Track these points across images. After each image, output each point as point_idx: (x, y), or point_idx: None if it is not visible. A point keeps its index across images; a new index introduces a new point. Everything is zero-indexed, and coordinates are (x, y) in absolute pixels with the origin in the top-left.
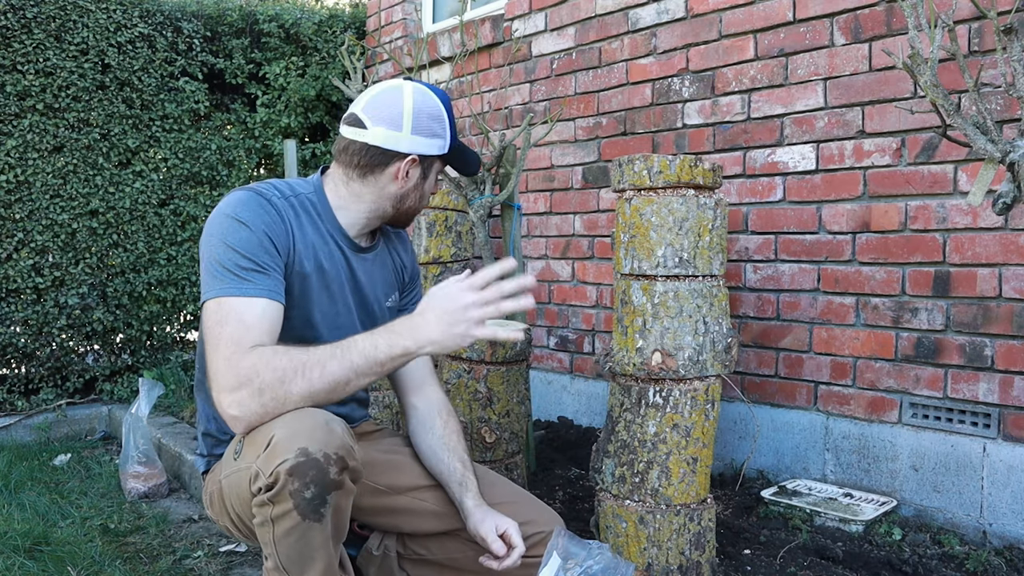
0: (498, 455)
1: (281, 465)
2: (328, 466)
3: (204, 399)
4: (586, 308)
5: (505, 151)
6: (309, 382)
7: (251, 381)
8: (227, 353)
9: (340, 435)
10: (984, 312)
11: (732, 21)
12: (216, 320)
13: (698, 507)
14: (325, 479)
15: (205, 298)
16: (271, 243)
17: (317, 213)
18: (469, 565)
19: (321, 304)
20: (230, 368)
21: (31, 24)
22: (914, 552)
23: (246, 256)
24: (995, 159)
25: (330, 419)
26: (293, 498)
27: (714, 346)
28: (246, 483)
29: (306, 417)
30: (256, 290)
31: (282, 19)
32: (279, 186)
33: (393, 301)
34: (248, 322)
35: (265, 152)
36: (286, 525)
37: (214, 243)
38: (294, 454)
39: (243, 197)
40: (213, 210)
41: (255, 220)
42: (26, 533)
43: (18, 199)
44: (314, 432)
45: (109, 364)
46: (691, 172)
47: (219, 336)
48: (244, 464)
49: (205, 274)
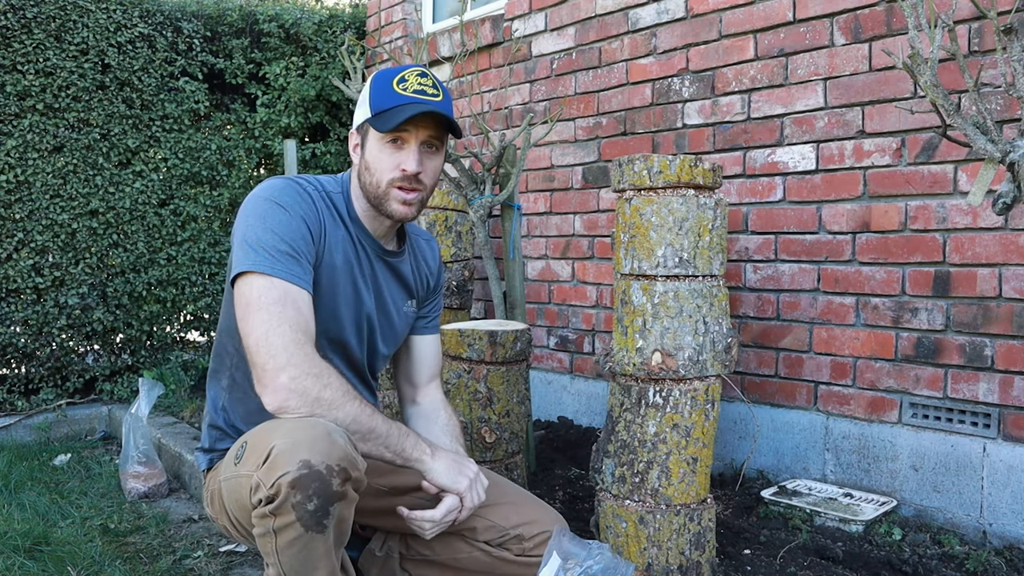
0: (498, 455)
1: (283, 477)
2: (331, 478)
3: (217, 388)
4: (586, 308)
5: (505, 151)
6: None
7: (320, 376)
8: (292, 336)
9: (342, 446)
10: (984, 312)
11: (732, 21)
12: (273, 298)
13: (698, 507)
14: (328, 491)
15: (245, 268)
16: (307, 229)
17: (344, 211)
18: (472, 565)
19: (347, 298)
20: (300, 352)
21: (31, 24)
22: (914, 552)
23: (287, 240)
24: (995, 159)
25: (332, 430)
26: (296, 510)
27: (714, 346)
28: (246, 492)
29: (308, 427)
30: (302, 280)
31: (282, 19)
32: (312, 180)
33: (410, 307)
34: (305, 313)
35: (265, 152)
36: (289, 536)
37: (253, 223)
38: (296, 466)
39: (281, 184)
40: (251, 194)
41: (294, 205)
42: (26, 533)
43: (18, 199)
44: (316, 443)
45: (109, 364)
46: (691, 172)
47: (280, 315)
48: (244, 471)
49: (244, 250)
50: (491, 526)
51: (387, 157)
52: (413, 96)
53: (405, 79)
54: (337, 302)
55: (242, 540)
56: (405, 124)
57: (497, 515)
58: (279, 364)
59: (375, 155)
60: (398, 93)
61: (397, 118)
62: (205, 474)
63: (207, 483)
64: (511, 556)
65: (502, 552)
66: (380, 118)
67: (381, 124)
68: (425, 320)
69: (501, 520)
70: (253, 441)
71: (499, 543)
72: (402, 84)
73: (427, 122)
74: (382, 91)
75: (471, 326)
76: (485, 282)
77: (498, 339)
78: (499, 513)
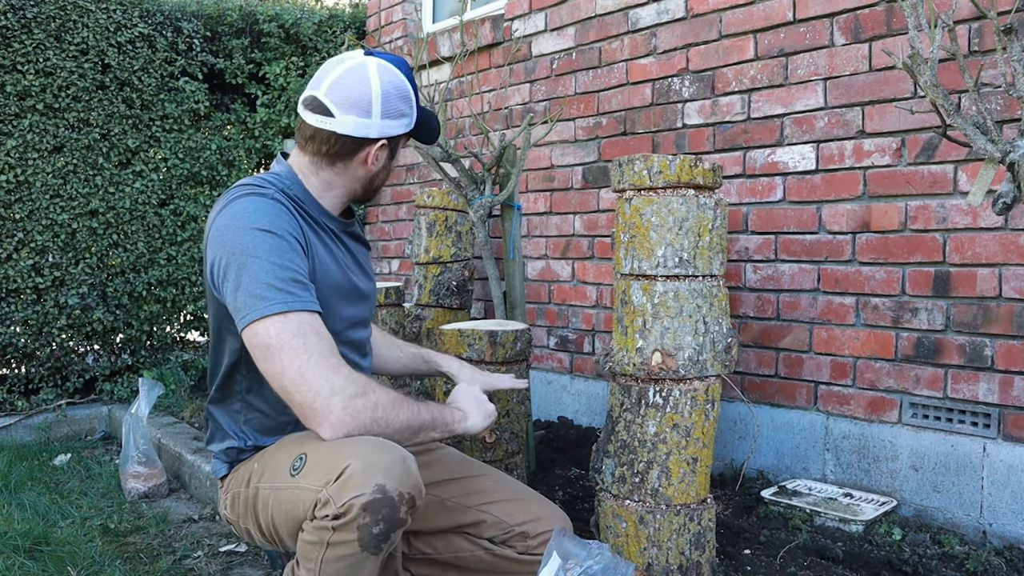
0: (498, 455)
1: (357, 498)
2: (400, 505)
3: (230, 413)
4: (586, 308)
5: (505, 151)
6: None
7: (367, 394)
8: (325, 363)
9: (415, 475)
10: (984, 312)
11: (732, 21)
12: (292, 332)
13: (698, 507)
14: (395, 517)
15: (260, 315)
16: (299, 245)
17: (306, 203)
18: (474, 564)
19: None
20: (338, 376)
21: (31, 24)
22: (914, 552)
23: (288, 268)
24: (995, 159)
25: (406, 456)
26: (360, 531)
27: (714, 346)
28: (306, 505)
29: (384, 451)
30: (311, 304)
31: (282, 19)
32: (273, 182)
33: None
34: (324, 334)
35: (265, 152)
36: (342, 552)
37: (249, 261)
38: (371, 489)
39: (255, 205)
40: (223, 221)
41: (279, 225)
42: (26, 533)
43: (18, 199)
44: (392, 469)
45: (109, 364)
46: (691, 172)
47: (304, 347)
48: (306, 484)
49: (250, 294)
50: (497, 522)
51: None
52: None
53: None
54: (333, 298)
55: (264, 543)
56: None
57: (503, 511)
58: (325, 398)
59: (391, 162)
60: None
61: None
62: (221, 480)
63: (226, 486)
64: (514, 554)
65: (505, 550)
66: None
67: (427, 135)
68: None
69: (506, 517)
70: (317, 455)
71: (503, 540)
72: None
73: None
74: (418, 105)
75: (471, 326)
76: (485, 282)
77: (498, 339)
78: (505, 509)
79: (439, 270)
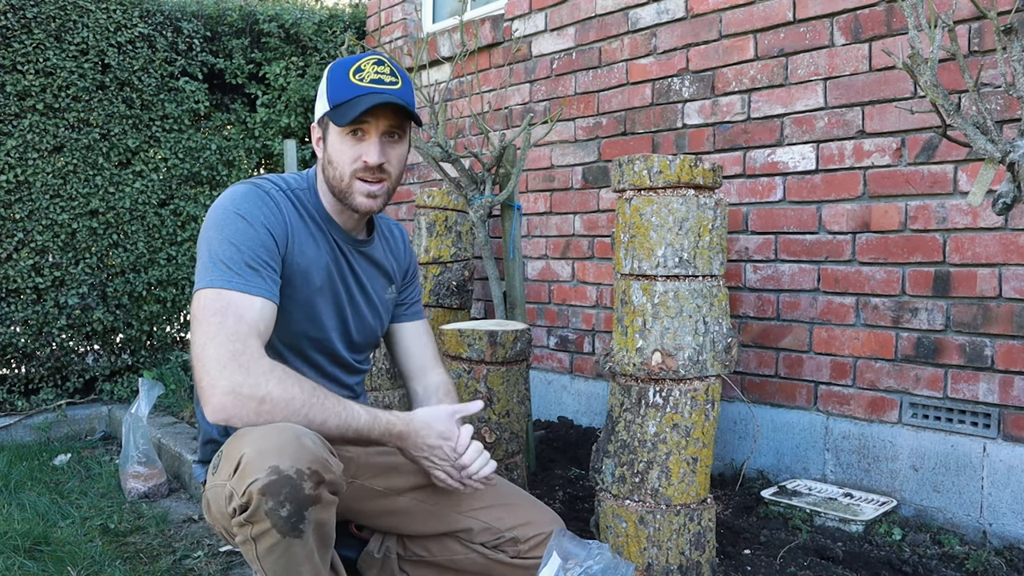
0: (498, 455)
1: (252, 485)
2: (302, 482)
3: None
4: (586, 308)
5: (505, 151)
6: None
7: (259, 384)
8: (228, 347)
9: (311, 449)
10: (984, 312)
11: (732, 21)
12: (214, 309)
13: (698, 507)
14: (300, 495)
15: (201, 286)
16: (270, 236)
17: (312, 208)
18: (469, 567)
19: (324, 296)
20: (236, 361)
21: (31, 24)
22: (914, 552)
23: (245, 251)
24: (995, 159)
25: (301, 433)
26: (270, 517)
27: (714, 346)
28: (223, 502)
29: (275, 433)
30: (255, 288)
31: (282, 19)
32: (277, 180)
33: (391, 292)
34: (247, 318)
35: (265, 152)
36: (267, 543)
37: (213, 236)
38: (265, 472)
39: (242, 191)
40: (214, 203)
41: (255, 213)
42: (26, 533)
43: (18, 199)
44: (284, 448)
45: (109, 364)
46: (691, 172)
47: (219, 325)
48: (219, 481)
49: (203, 266)
50: (486, 528)
51: (348, 149)
52: (370, 86)
53: (361, 69)
54: (313, 301)
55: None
56: (363, 116)
57: (492, 516)
58: (212, 378)
59: (336, 148)
60: (355, 84)
61: (354, 111)
62: (203, 485)
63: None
64: (507, 559)
65: (498, 555)
66: (338, 111)
67: (339, 117)
68: (405, 307)
69: (496, 522)
70: (227, 451)
71: (494, 545)
72: (358, 74)
73: (386, 112)
74: (339, 83)
75: (471, 326)
76: (485, 282)
77: (498, 339)
78: (494, 515)
79: (439, 270)
